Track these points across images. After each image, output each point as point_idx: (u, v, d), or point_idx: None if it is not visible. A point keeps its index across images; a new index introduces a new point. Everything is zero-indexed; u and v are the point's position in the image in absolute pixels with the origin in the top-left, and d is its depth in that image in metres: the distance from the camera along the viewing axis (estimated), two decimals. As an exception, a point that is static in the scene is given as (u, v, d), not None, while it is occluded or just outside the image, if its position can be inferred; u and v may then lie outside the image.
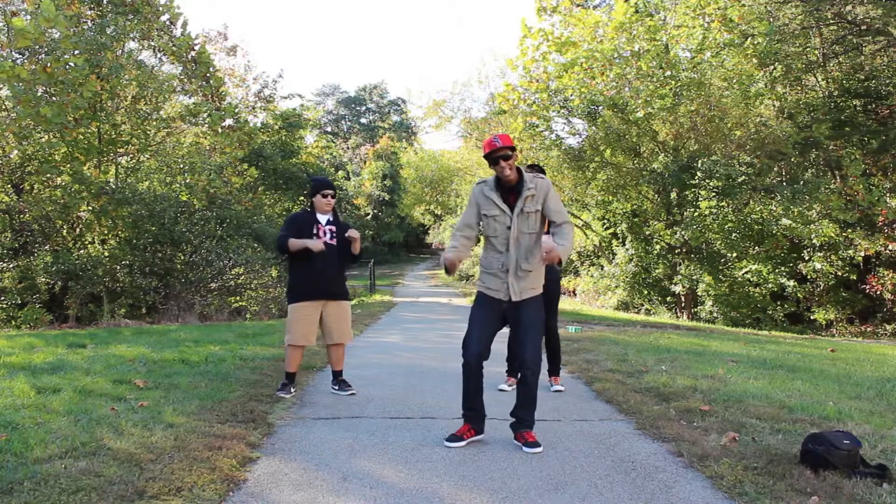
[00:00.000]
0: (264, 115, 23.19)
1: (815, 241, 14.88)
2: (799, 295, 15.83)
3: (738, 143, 16.30)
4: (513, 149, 3.39)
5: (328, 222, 4.65)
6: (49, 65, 10.78)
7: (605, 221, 20.98)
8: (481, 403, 3.53)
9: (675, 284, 16.36)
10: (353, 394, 4.70)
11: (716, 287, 15.66)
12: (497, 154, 3.35)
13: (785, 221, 14.51)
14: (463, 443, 3.41)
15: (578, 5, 17.73)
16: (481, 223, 3.51)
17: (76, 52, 11.51)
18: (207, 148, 17.22)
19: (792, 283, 15.51)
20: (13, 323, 11.66)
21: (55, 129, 11.29)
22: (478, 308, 3.53)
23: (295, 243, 4.47)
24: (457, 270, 3.55)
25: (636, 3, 15.94)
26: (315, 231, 4.56)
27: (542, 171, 4.99)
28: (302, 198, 20.10)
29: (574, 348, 7.17)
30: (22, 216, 13.04)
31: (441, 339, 8.78)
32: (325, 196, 4.61)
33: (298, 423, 3.87)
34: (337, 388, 4.80)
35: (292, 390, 4.66)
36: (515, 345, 3.53)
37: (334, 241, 4.61)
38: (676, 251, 16.94)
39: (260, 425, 3.71)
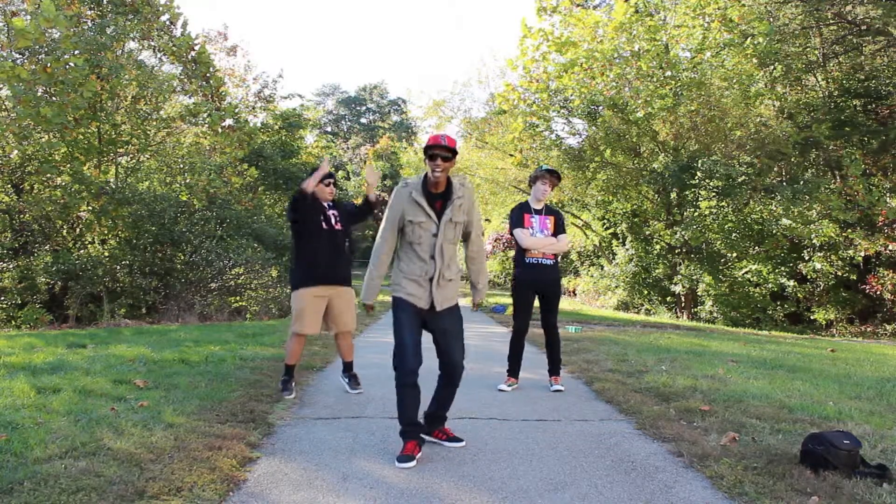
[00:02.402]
0: (264, 115, 23.21)
1: (815, 241, 14.88)
2: (799, 295, 15.83)
3: (738, 143, 16.30)
4: (454, 154, 3.25)
5: (330, 207, 4.71)
6: (49, 65, 10.78)
7: (605, 221, 20.99)
8: (417, 416, 3.33)
9: (675, 284, 16.35)
10: (360, 392, 4.74)
11: (716, 287, 15.66)
12: (436, 150, 3.19)
13: (785, 221, 14.51)
14: (413, 462, 3.15)
15: (578, 5, 17.73)
16: (405, 228, 3.32)
17: (76, 52, 11.50)
18: (207, 148, 17.22)
19: (792, 283, 15.50)
20: (13, 323, 11.66)
21: (55, 129, 11.29)
22: (402, 315, 3.32)
23: (309, 182, 4.46)
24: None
25: (636, 3, 15.93)
26: (322, 216, 4.60)
27: (559, 178, 5.03)
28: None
29: (574, 348, 7.17)
30: (22, 216, 13.04)
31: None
32: (327, 185, 4.66)
33: (298, 423, 3.87)
34: (347, 381, 4.81)
35: (293, 386, 4.67)
36: (443, 351, 3.38)
37: (339, 226, 4.67)
38: (676, 251, 16.94)
39: (260, 425, 3.71)
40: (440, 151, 3.20)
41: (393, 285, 3.41)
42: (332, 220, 4.64)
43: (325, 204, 4.68)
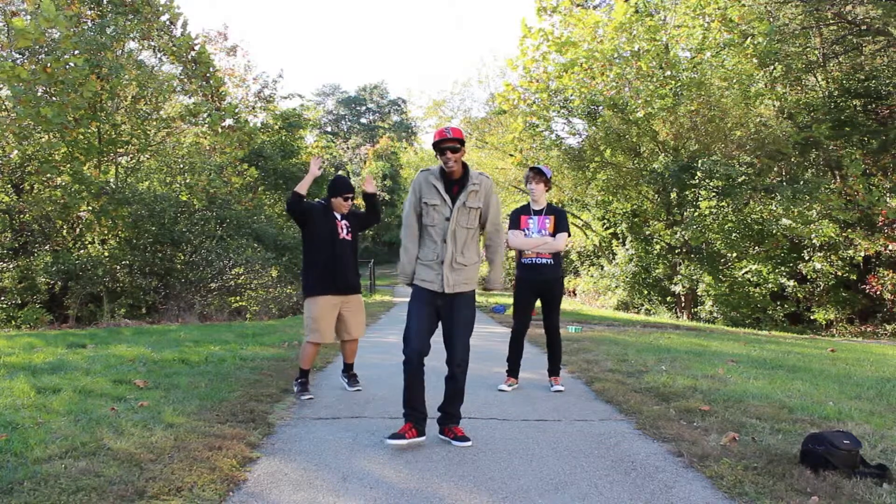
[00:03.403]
0: (264, 115, 23.21)
1: (815, 241, 14.87)
2: (799, 295, 15.82)
3: (738, 143, 16.29)
4: (462, 143, 3.35)
5: (343, 217, 4.76)
6: (49, 65, 10.77)
7: (605, 221, 20.98)
8: (423, 403, 3.43)
9: (675, 284, 16.35)
10: (358, 390, 4.81)
11: (716, 287, 15.65)
12: (445, 144, 3.32)
13: (785, 221, 14.50)
14: (404, 441, 3.31)
15: (578, 5, 17.73)
16: (422, 211, 3.44)
17: (76, 52, 11.49)
18: (207, 148, 17.21)
19: (792, 283, 15.50)
20: (13, 323, 11.66)
21: (55, 129, 11.28)
22: (415, 302, 3.46)
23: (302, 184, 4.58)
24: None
25: (636, 3, 15.92)
26: (335, 226, 4.64)
27: (542, 174, 5.01)
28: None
29: (574, 348, 7.17)
30: (22, 216, 13.04)
31: (440, 338, 8.77)
32: (346, 199, 4.72)
33: (298, 423, 3.87)
34: (346, 381, 4.91)
35: (309, 387, 4.71)
36: (446, 342, 3.46)
37: (349, 237, 4.73)
38: (676, 251, 16.93)
39: (260, 425, 3.71)
40: (448, 144, 3.33)
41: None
42: (342, 231, 4.70)
43: (338, 215, 4.72)
